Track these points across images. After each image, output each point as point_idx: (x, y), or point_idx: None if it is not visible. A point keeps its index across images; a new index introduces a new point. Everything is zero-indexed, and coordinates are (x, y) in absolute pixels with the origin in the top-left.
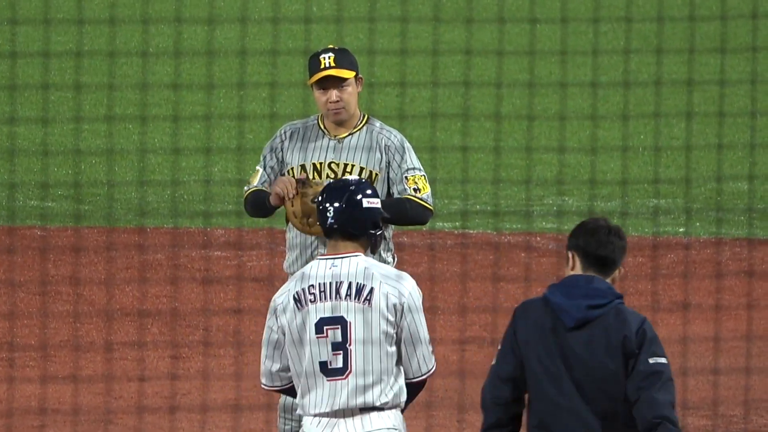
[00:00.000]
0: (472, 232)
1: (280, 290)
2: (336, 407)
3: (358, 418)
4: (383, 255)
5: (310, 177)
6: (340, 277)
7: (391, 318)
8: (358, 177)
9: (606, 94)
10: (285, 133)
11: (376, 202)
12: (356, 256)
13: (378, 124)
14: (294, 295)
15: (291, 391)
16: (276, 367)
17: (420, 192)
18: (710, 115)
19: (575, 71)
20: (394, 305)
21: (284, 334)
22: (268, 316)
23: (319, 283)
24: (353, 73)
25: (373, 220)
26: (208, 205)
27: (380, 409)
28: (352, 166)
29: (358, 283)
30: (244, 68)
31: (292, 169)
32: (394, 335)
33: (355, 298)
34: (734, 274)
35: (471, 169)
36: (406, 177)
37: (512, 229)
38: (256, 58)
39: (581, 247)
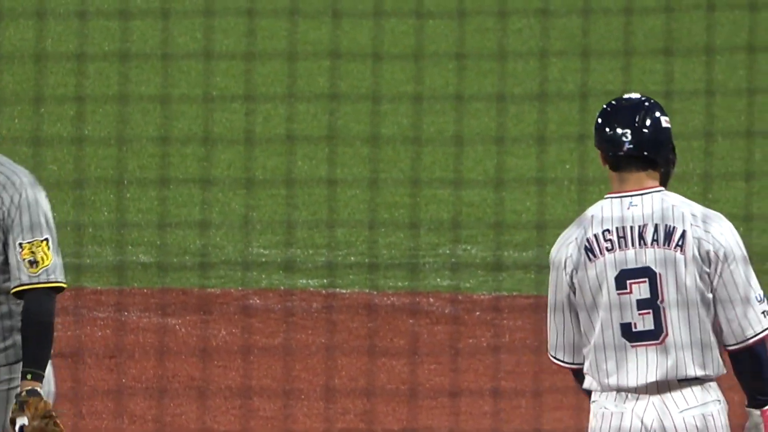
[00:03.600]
0: (343, 291)
1: (559, 239)
2: (650, 380)
3: (678, 393)
4: None
5: None
6: (643, 218)
7: (707, 269)
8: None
9: (518, 110)
10: None
11: (669, 123)
12: (659, 191)
13: None
14: (585, 244)
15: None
16: (569, 338)
17: (38, 266)
18: None
19: (477, 80)
20: (708, 252)
21: (574, 293)
22: (550, 275)
23: (617, 228)
24: None
25: (672, 144)
26: None
27: (702, 381)
28: None
29: (666, 225)
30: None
31: None
32: (711, 290)
33: (664, 244)
34: None
35: (340, 209)
36: (20, 244)
37: (395, 288)
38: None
39: None
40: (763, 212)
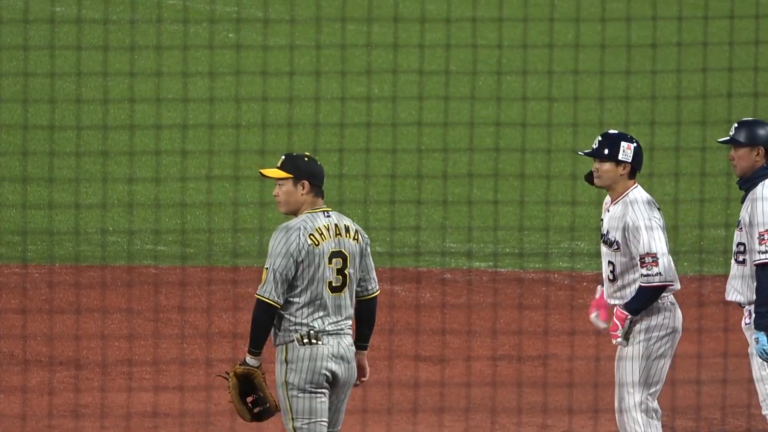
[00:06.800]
0: (502, 270)
1: (640, 205)
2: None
3: None
4: None
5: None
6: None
7: None
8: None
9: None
10: None
11: None
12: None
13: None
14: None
15: None
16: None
17: (261, 282)
18: (694, 175)
19: (585, 140)
20: None
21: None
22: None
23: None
24: (289, 175)
25: None
26: None
27: None
28: None
29: None
30: (317, 138)
31: None
32: None
33: None
34: (714, 304)
35: (501, 220)
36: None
37: (534, 268)
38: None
39: None
40: None
